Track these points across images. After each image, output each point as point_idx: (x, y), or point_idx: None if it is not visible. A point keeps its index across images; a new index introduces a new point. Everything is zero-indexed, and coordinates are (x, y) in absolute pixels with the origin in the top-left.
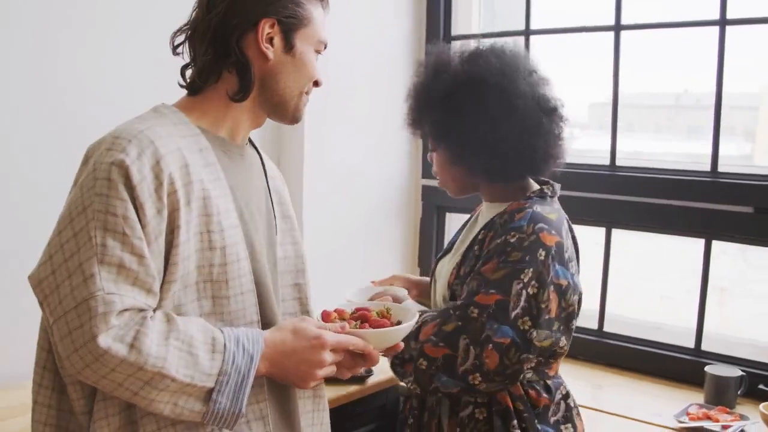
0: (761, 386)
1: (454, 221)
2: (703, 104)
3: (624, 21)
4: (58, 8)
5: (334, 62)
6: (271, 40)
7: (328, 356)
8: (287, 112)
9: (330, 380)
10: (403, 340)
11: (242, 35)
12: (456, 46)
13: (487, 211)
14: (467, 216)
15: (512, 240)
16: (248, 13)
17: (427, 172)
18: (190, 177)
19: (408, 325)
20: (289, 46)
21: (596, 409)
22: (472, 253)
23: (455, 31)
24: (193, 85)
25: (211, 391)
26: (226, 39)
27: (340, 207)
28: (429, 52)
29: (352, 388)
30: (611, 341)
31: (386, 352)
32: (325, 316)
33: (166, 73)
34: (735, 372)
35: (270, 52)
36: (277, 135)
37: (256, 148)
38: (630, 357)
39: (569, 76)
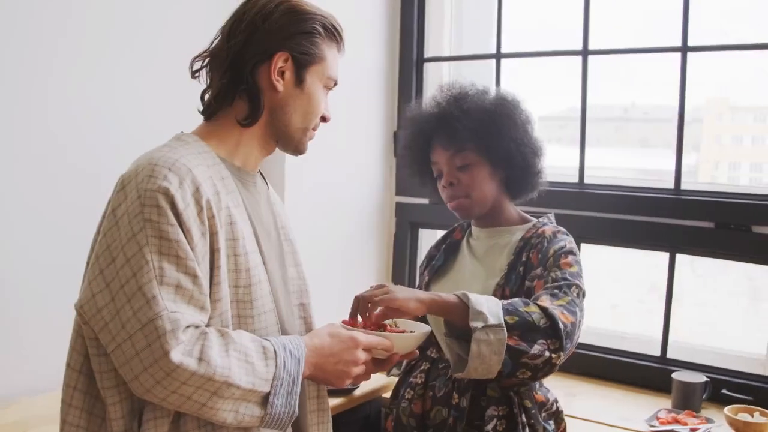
0: (724, 391)
1: (427, 237)
2: (651, 117)
3: (591, 46)
4: (70, 37)
5: None
6: (282, 74)
7: (362, 354)
8: (292, 143)
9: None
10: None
11: (257, 65)
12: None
13: (486, 238)
14: (441, 231)
15: (573, 245)
16: (265, 45)
17: (401, 189)
18: (220, 204)
19: (424, 332)
20: (299, 81)
21: (572, 416)
22: (515, 275)
23: (427, 53)
24: (209, 108)
25: (267, 395)
26: (241, 67)
27: (318, 226)
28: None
29: (338, 400)
30: (581, 351)
31: (404, 357)
32: (350, 324)
33: (180, 101)
34: (700, 378)
35: (280, 85)
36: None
37: (262, 176)
38: (599, 366)
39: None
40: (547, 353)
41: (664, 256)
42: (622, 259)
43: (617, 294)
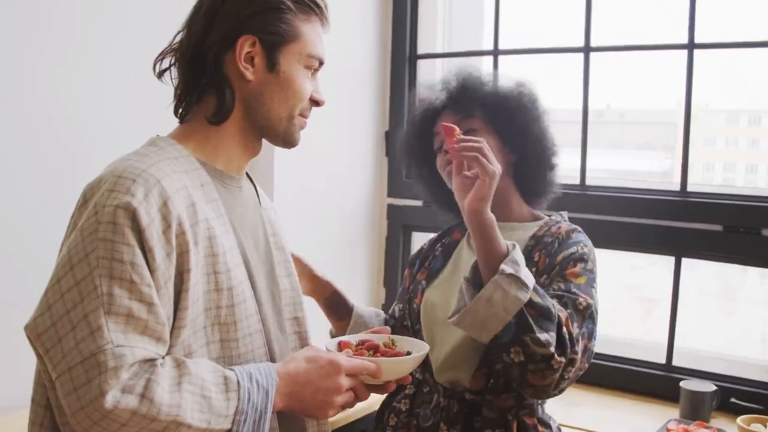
0: (733, 399)
1: (420, 240)
2: (626, 120)
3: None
4: (56, 33)
5: None
6: (252, 60)
7: (345, 381)
8: (278, 135)
9: None
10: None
11: (220, 54)
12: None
13: None
14: (431, 234)
15: (585, 250)
16: (226, 31)
17: (393, 191)
18: (197, 216)
19: (421, 355)
20: (271, 65)
21: (576, 428)
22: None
23: (420, 50)
24: (177, 110)
25: None
26: (203, 58)
27: (307, 229)
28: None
29: (337, 416)
30: None
31: (398, 382)
32: (343, 346)
33: (167, 101)
34: (709, 387)
35: (249, 72)
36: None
37: (250, 179)
38: (601, 374)
39: None
40: (552, 349)
41: (642, 258)
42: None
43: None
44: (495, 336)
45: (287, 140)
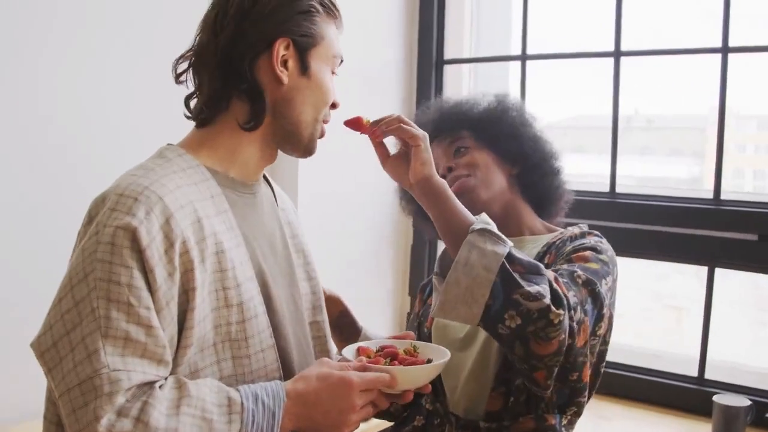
0: None
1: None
2: (654, 126)
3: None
4: (56, 33)
5: None
6: (285, 62)
7: (359, 398)
8: (301, 142)
9: None
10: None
11: (255, 58)
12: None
13: None
14: None
15: (601, 245)
16: (262, 33)
17: None
18: (203, 232)
19: (440, 364)
20: (304, 68)
21: None
22: None
23: (447, 55)
24: (200, 115)
25: None
26: (236, 63)
27: (331, 236)
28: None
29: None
30: (609, 369)
31: (418, 391)
32: (362, 352)
33: (175, 107)
34: (743, 401)
35: (285, 76)
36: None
37: (267, 180)
38: (631, 386)
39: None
40: (546, 300)
41: (669, 266)
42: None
43: (621, 303)
44: (486, 307)
45: (309, 147)
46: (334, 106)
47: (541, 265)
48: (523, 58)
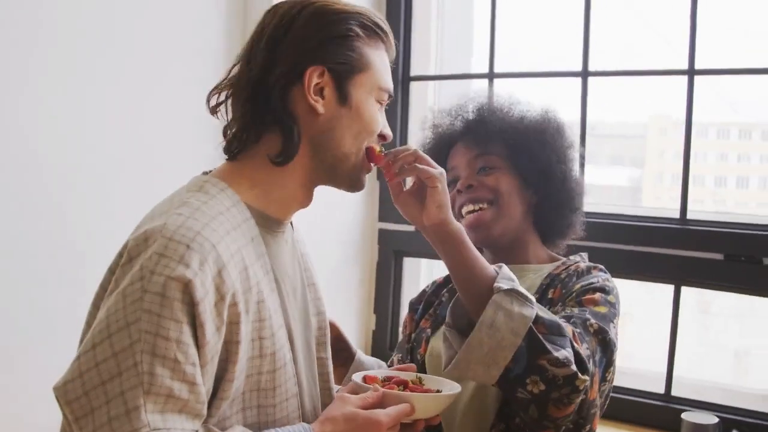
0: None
1: (411, 267)
2: (595, 133)
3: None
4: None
5: None
6: (321, 91)
7: None
8: (344, 174)
9: None
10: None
11: (286, 88)
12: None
13: None
14: (426, 260)
15: (608, 284)
16: (292, 62)
17: (384, 216)
18: (249, 282)
19: (453, 393)
20: (343, 97)
21: None
22: None
23: (413, 72)
24: (230, 148)
25: None
26: (267, 93)
27: None
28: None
29: None
30: None
31: (428, 422)
32: (369, 381)
33: (175, 108)
34: (711, 419)
35: (320, 106)
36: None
37: None
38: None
39: None
40: (573, 367)
41: (637, 285)
42: None
43: None
44: (506, 370)
45: (353, 181)
46: (384, 137)
47: (562, 324)
48: (491, 76)
